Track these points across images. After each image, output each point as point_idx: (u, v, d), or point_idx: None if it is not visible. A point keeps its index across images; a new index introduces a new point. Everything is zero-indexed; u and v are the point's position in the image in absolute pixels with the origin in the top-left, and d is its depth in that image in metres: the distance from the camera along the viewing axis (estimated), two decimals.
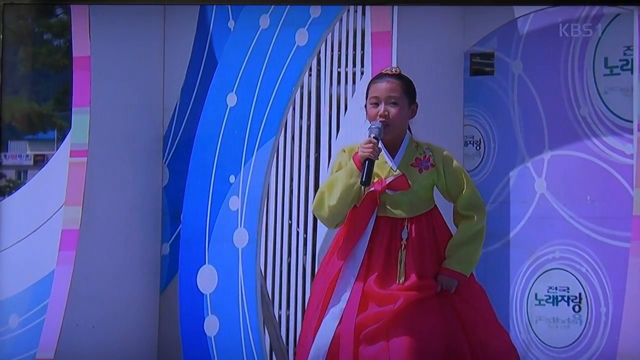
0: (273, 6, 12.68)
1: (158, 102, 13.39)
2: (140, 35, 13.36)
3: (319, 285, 7.56)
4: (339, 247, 7.35)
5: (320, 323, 7.34)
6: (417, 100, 7.51)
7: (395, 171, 7.28)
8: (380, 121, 7.25)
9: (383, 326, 7.15)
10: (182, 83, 13.30)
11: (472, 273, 7.61)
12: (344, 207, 7.18)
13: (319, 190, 7.41)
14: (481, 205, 7.58)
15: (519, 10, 12.26)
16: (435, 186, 7.57)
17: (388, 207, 7.21)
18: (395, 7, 12.05)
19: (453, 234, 7.70)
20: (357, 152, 7.24)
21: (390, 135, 7.33)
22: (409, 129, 7.55)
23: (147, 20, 13.38)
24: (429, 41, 11.41)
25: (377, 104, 7.25)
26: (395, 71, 7.44)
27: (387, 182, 7.24)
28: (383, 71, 7.67)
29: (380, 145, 7.29)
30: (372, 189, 7.28)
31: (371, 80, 7.51)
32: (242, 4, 13.05)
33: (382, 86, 7.31)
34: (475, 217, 7.47)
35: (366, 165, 7.11)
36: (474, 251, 7.41)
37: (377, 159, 7.25)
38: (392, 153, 7.36)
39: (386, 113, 7.20)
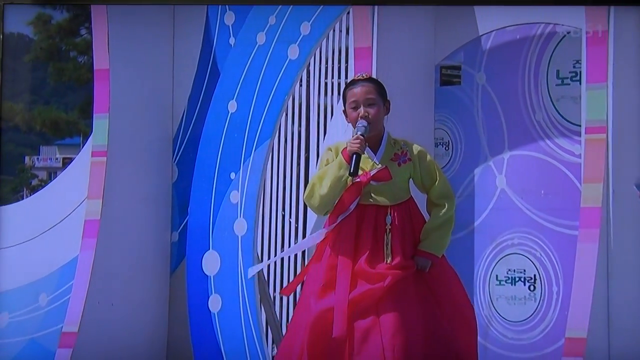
0: (269, 24, 12.68)
1: (168, 109, 13.38)
2: (152, 50, 13.35)
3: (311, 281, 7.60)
4: (330, 235, 7.34)
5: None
6: (390, 101, 7.52)
7: (378, 164, 7.27)
8: (363, 121, 7.24)
9: (374, 302, 7.14)
10: (189, 92, 13.28)
11: (444, 255, 7.66)
12: (334, 196, 7.20)
13: (310, 182, 7.43)
14: (451, 195, 7.65)
15: (483, 28, 12.25)
16: (410, 178, 7.59)
17: (373, 195, 7.22)
18: (375, 25, 12.04)
19: (426, 220, 7.72)
20: (346, 148, 7.23)
21: (372, 133, 7.32)
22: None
23: (158, 35, 13.37)
24: (405, 55, 11.40)
25: (356, 107, 7.26)
26: (366, 76, 7.48)
27: (371, 174, 7.25)
28: (355, 77, 7.70)
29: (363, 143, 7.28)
30: (358, 179, 7.28)
31: (346, 87, 7.52)
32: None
33: (359, 90, 7.32)
34: (446, 205, 7.53)
35: (354, 158, 7.12)
36: (445, 235, 7.47)
37: (364, 153, 7.26)
38: (374, 149, 7.38)
39: (366, 114, 7.21)
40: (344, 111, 7.45)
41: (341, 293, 7.20)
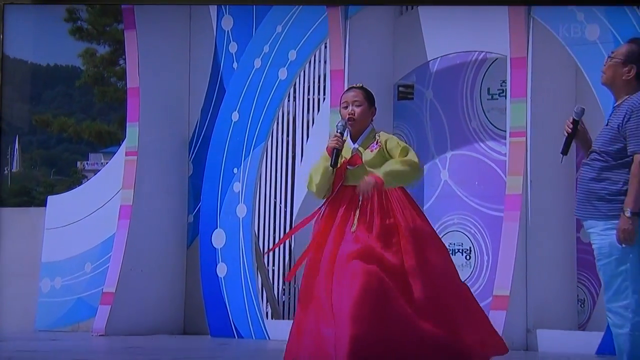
0: (263, 52, 12.69)
1: (185, 118, 13.36)
2: (172, 72, 13.33)
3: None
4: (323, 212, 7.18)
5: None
6: (376, 107, 7.32)
7: (355, 152, 7.11)
8: (347, 119, 7.09)
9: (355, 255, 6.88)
10: (201, 105, 13.27)
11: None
12: (326, 182, 6.92)
13: (308, 174, 7.19)
14: (413, 155, 7.21)
15: (431, 55, 12.21)
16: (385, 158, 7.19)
17: (350, 178, 7.02)
18: (347, 52, 12.07)
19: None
20: (329, 144, 7.06)
21: (357, 128, 7.12)
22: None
23: (177, 61, 13.34)
24: (370, 76, 11.31)
25: (347, 107, 7.11)
26: (359, 85, 7.33)
27: (347, 159, 7.07)
28: (351, 85, 7.53)
29: (346, 136, 7.19)
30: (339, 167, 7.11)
31: (343, 93, 7.36)
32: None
33: (350, 94, 7.15)
34: (409, 154, 7.16)
35: (334, 153, 7.00)
36: (398, 171, 6.95)
37: (342, 148, 7.07)
38: (355, 140, 7.17)
39: (352, 112, 7.05)
40: (340, 111, 7.29)
41: (328, 254, 6.93)
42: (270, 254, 12.91)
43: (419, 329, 6.73)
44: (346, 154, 7.19)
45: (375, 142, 7.14)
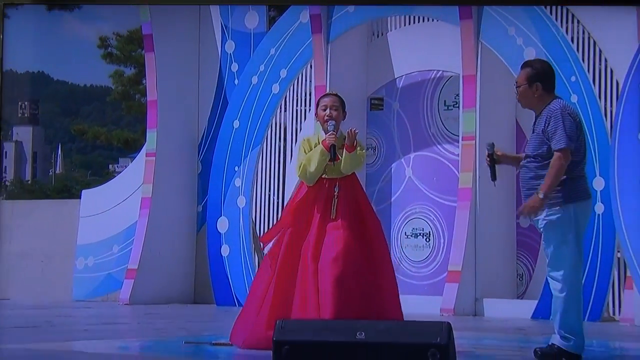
0: (259, 71, 12.67)
1: (195, 125, 13.33)
2: (184, 87, 13.32)
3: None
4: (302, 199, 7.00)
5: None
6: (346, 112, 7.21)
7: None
8: (332, 121, 6.99)
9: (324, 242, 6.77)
10: (208, 114, 13.23)
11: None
12: (319, 172, 6.87)
13: (302, 164, 6.97)
14: (364, 154, 7.02)
15: (397, 73, 12.26)
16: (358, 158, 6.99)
17: (329, 171, 6.92)
18: (328, 70, 12.10)
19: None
20: (325, 140, 6.87)
21: (337, 127, 7.02)
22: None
23: (187, 77, 13.31)
24: (348, 91, 11.20)
25: (325, 109, 6.99)
26: (334, 92, 7.20)
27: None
28: (327, 92, 7.45)
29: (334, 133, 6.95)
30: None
31: (321, 97, 7.13)
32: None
33: (329, 99, 7.00)
34: (347, 164, 6.99)
35: (332, 148, 6.85)
36: (350, 160, 6.83)
37: (335, 147, 6.84)
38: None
39: (332, 114, 6.95)
40: (316, 113, 7.19)
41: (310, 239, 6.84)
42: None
43: (378, 293, 6.71)
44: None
45: (350, 144, 6.99)
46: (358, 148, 6.92)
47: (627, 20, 10.18)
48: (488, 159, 6.43)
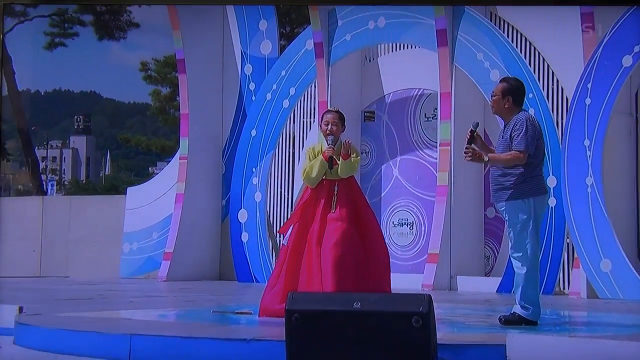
0: (272, 89, 12.60)
1: (219, 134, 13.31)
2: (210, 102, 13.29)
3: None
4: (309, 197, 6.92)
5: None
6: (346, 125, 7.02)
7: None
8: (332, 136, 6.91)
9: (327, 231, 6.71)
10: (230, 125, 13.22)
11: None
12: (319, 177, 6.79)
13: (305, 170, 6.87)
14: (358, 160, 6.98)
15: (386, 90, 12.23)
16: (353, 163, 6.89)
17: (330, 174, 6.87)
18: (329, 88, 12.05)
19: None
20: (325, 152, 6.78)
21: (335, 140, 6.83)
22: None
23: (213, 93, 13.26)
24: (345, 105, 11.18)
25: (327, 125, 6.91)
26: (336, 109, 7.10)
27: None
28: (329, 109, 7.33)
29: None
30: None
31: (324, 112, 7.02)
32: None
33: (330, 116, 6.89)
34: (343, 168, 6.95)
35: (332, 159, 6.78)
36: (346, 166, 6.83)
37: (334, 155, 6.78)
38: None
39: (332, 129, 6.87)
40: (320, 125, 7.10)
41: (314, 232, 6.81)
42: (276, 226, 12.87)
43: (367, 272, 6.66)
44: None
45: (347, 152, 6.93)
46: (353, 155, 6.83)
47: (575, 47, 10.16)
48: (469, 134, 6.35)
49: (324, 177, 6.88)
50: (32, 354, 5.75)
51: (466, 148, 6.27)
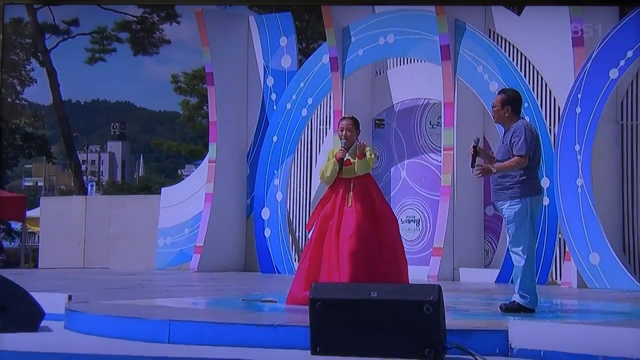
0: (292, 99, 12.63)
1: (244, 139, 13.33)
2: (235, 112, 13.32)
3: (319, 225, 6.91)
4: (327, 193, 6.91)
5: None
6: (360, 130, 7.04)
7: (347, 157, 6.95)
8: (345, 140, 6.78)
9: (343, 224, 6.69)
10: (254, 131, 13.24)
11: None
12: (333, 176, 6.77)
13: (321, 170, 6.89)
14: (373, 159, 6.98)
15: (395, 100, 12.21)
16: (368, 163, 6.84)
17: (345, 173, 6.85)
18: (343, 98, 12.06)
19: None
20: (336, 154, 6.77)
21: (348, 144, 6.77)
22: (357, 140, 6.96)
23: (239, 103, 13.28)
24: (358, 114, 11.22)
25: (342, 130, 6.90)
26: (350, 115, 7.05)
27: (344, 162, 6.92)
28: (345, 115, 7.19)
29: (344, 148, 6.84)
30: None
31: (340, 119, 7.04)
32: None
33: (344, 122, 6.85)
34: (359, 166, 6.91)
35: (341, 160, 6.77)
36: (361, 165, 6.82)
37: (345, 157, 6.75)
38: (348, 151, 6.98)
39: (345, 134, 6.83)
40: (336, 130, 7.06)
41: (333, 225, 6.77)
42: (295, 223, 12.90)
43: (382, 266, 6.62)
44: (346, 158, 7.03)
45: (362, 153, 6.93)
46: (367, 154, 6.84)
47: (567, 61, 10.14)
48: (472, 150, 6.35)
49: (341, 176, 6.83)
50: (81, 337, 5.77)
51: (477, 166, 6.25)
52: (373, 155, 6.93)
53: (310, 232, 7.05)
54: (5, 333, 5.76)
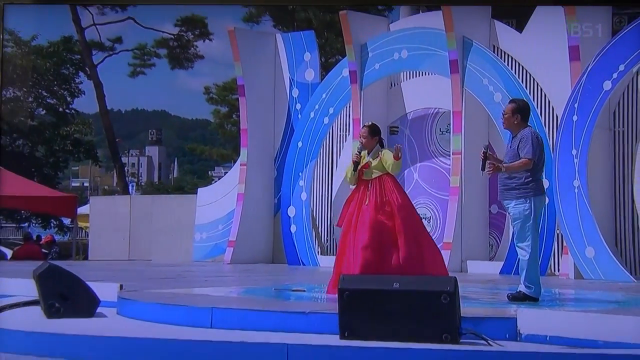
0: (314, 109, 12.65)
1: (272, 145, 13.32)
2: (264, 120, 13.31)
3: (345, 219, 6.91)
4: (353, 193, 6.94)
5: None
6: (380, 137, 7.00)
7: (368, 159, 6.83)
8: (360, 145, 6.88)
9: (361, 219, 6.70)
10: (281, 137, 13.22)
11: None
12: (354, 177, 6.78)
13: (345, 172, 6.95)
14: (392, 164, 6.87)
15: (408, 109, 12.17)
16: (382, 165, 6.81)
17: (365, 174, 6.87)
18: (362, 108, 12.07)
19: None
20: (353, 158, 6.87)
21: (367, 149, 6.84)
22: (382, 144, 6.97)
23: (268, 113, 13.28)
24: (377, 122, 11.29)
25: (360, 137, 6.92)
26: (368, 124, 6.95)
27: (363, 164, 6.80)
28: (364, 124, 7.19)
29: (364, 152, 6.86)
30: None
31: (362, 127, 7.11)
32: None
33: (362, 130, 6.87)
34: (389, 165, 6.89)
35: (356, 164, 6.76)
36: (396, 164, 6.64)
37: (359, 160, 6.79)
38: (368, 154, 6.87)
39: (362, 141, 6.86)
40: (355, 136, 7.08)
41: (351, 220, 6.77)
42: (318, 220, 12.90)
43: (397, 257, 6.57)
44: (364, 160, 6.94)
45: (378, 156, 6.91)
46: (387, 156, 6.84)
47: (564, 74, 10.09)
48: (483, 155, 6.36)
49: (362, 177, 6.83)
50: (132, 322, 5.84)
51: (488, 164, 6.24)
52: (399, 160, 6.77)
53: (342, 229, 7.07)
54: (66, 318, 5.85)
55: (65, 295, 5.95)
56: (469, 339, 4.78)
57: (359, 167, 6.85)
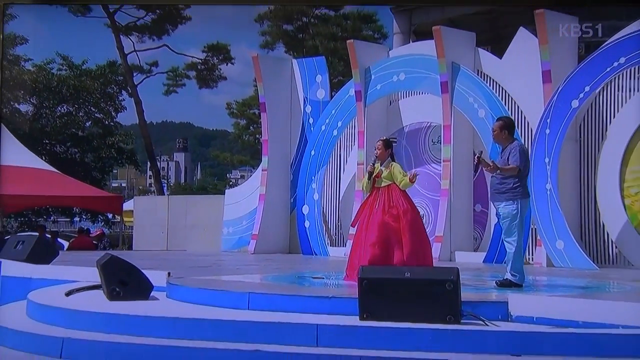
0: (326, 122, 12.68)
1: (288, 153, 13.26)
2: (283, 131, 13.25)
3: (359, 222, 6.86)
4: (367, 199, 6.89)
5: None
6: (391, 151, 6.95)
7: (380, 169, 6.82)
8: (374, 157, 6.83)
9: (372, 222, 6.67)
10: (296, 146, 13.17)
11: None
12: (369, 186, 6.68)
13: (362, 181, 6.81)
14: (401, 179, 6.70)
15: (405, 122, 12.12)
16: (391, 175, 6.76)
17: (377, 182, 6.82)
18: (365, 122, 12.08)
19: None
20: (368, 169, 6.82)
21: (380, 161, 6.81)
22: (392, 157, 6.91)
23: (285, 125, 13.27)
24: (376, 134, 11.10)
25: (374, 149, 6.91)
26: (382, 138, 7.01)
27: (376, 174, 6.78)
28: (379, 138, 7.07)
29: (378, 164, 6.79)
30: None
31: (377, 140, 6.99)
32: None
33: (377, 143, 6.81)
34: (399, 181, 6.88)
35: (370, 174, 6.68)
36: (405, 184, 6.67)
37: (374, 172, 6.73)
38: (381, 165, 6.85)
39: (376, 152, 6.76)
40: (360, 146, 6.94)
41: (362, 223, 6.78)
42: (328, 217, 12.86)
43: (400, 254, 6.56)
44: (377, 170, 6.88)
45: (387, 167, 6.84)
46: (399, 177, 6.77)
47: (538, 94, 10.12)
48: (476, 159, 6.37)
49: (375, 185, 6.81)
50: (180, 304, 5.87)
51: (488, 165, 6.24)
52: (404, 178, 6.77)
53: (355, 227, 7.09)
54: (125, 301, 5.88)
55: (125, 281, 5.98)
56: (469, 320, 4.82)
57: (373, 176, 6.84)
